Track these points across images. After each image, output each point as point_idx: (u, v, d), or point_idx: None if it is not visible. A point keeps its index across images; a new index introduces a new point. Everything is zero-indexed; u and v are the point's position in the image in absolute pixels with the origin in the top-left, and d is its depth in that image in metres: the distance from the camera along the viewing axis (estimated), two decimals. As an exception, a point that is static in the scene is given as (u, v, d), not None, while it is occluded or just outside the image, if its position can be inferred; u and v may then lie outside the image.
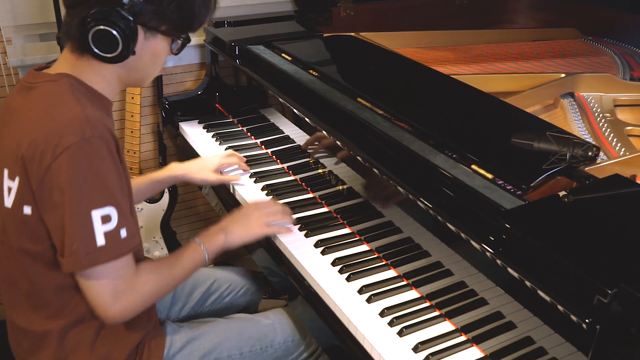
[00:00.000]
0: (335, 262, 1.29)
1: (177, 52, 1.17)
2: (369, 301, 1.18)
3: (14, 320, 1.18)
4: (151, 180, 1.57)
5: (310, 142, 1.67)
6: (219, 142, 1.86)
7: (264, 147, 1.82)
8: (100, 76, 1.12)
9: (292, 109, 1.59)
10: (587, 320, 0.83)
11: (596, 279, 0.82)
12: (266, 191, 1.57)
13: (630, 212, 1.01)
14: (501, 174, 1.11)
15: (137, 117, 2.04)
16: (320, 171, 1.62)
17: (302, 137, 1.73)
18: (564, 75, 1.68)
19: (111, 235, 1.03)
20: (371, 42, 1.85)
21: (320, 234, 1.39)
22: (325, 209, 1.50)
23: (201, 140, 1.89)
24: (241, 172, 1.66)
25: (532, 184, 1.07)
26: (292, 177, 1.65)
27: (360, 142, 1.35)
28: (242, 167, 1.66)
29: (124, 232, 1.05)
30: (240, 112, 2.01)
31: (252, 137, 1.89)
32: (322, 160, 1.62)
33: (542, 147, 1.17)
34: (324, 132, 1.46)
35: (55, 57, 1.73)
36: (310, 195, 1.56)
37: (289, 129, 1.82)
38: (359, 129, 1.37)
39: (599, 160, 1.16)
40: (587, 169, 1.12)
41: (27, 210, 1.05)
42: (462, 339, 1.10)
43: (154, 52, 1.13)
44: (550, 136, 1.19)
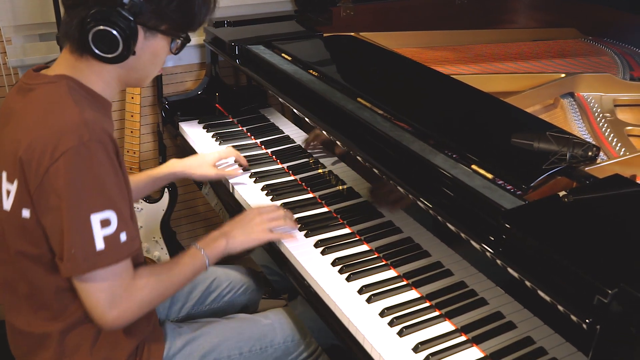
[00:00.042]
0: (335, 262, 1.29)
1: (176, 51, 1.16)
2: (369, 301, 1.18)
3: (13, 322, 1.18)
4: (150, 177, 1.56)
5: (310, 140, 1.67)
6: (219, 142, 1.86)
7: (263, 147, 1.82)
8: (99, 77, 1.11)
9: (292, 109, 1.59)
10: (587, 320, 0.83)
11: (596, 279, 0.82)
12: (266, 191, 1.57)
13: (630, 212, 1.01)
14: (501, 174, 1.11)
15: (137, 117, 2.03)
16: (320, 171, 1.62)
17: (302, 137, 1.73)
18: (564, 75, 1.68)
19: (111, 239, 1.02)
20: (371, 42, 1.85)
21: (320, 234, 1.39)
22: (325, 209, 1.50)
23: (201, 140, 1.89)
24: (240, 167, 1.66)
25: (532, 184, 1.07)
26: (292, 177, 1.65)
27: (360, 142, 1.35)
28: (242, 162, 1.66)
29: (123, 236, 1.04)
30: (240, 112, 2.01)
31: (252, 137, 1.89)
32: (322, 160, 1.62)
33: (542, 147, 1.17)
34: (324, 132, 1.46)
35: (55, 57, 1.73)
36: (310, 195, 1.56)
37: (289, 129, 1.82)
38: (359, 129, 1.36)
39: (599, 160, 1.16)
40: (587, 169, 1.12)
41: (26, 213, 1.05)
42: (462, 339, 1.10)
43: (153, 51, 1.12)
44: (550, 136, 1.19)
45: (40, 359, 1.16)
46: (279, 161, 1.73)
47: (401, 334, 1.11)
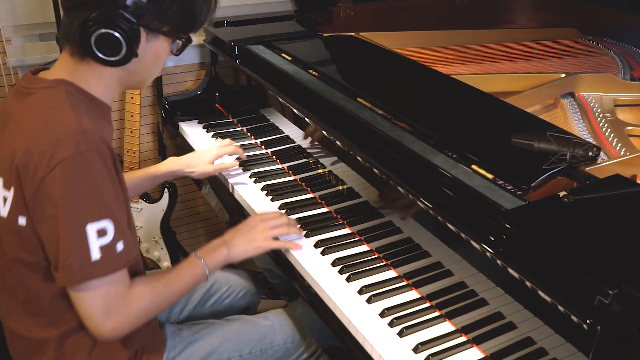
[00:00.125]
0: (335, 263, 1.29)
1: (177, 52, 1.15)
2: (369, 302, 1.18)
3: (11, 327, 1.17)
4: (148, 175, 1.56)
5: (308, 135, 1.67)
6: (219, 142, 1.86)
7: (263, 147, 1.82)
8: (100, 80, 1.10)
9: (292, 109, 1.59)
10: (588, 320, 0.83)
11: (597, 280, 0.82)
12: (266, 191, 1.57)
13: (630, 212, 1.00)
14: (501, 174, 1.11)
15: (137, 117, 2.03)
16: (320, 171, 1.62)
17: (302, 137, 1.73)
18: (564, 75, 1.68)
19: (107, 249, 1.01)
20: (371, 42, 1.85)
21: (320, 234, 1.39)
22: (325, 209, 1.49)
23: (201, 140, 1.89)
24: (237, 162, 1.66)
25: (532, 184, 1.07)
26: (292, 177, 1.65)
27: (360, 142, 1.35)
28: (240, 155, 1.66)
29: (120, 246, 1.02)
30: (240, 112, 2.00)
31: (252, 137, 1.89)
32: (322, 160, 1.62)
33: (542, 147, 1.17)
34: (324, 132, 1.46)
35: (55, 57, 1.73)
36: (310, 195, 1.56)
37: (289, 129, 1.82)
38: (359, 129, 1.36)
39: (599, 160, 1.16)
40: (587, 169, 1.12)
41: (22, 221, 1.03)
42: (463, 339, 1.10)
43: (155, 53, 1.11)
44: (550, 136, 1.19)
45: None
46: (279, 161, 1.73)
47: (401, 334, 1.11)
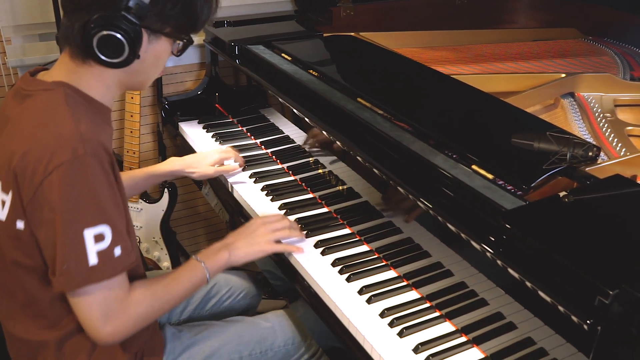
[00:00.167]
0: (335, 263, 1.29)
1: (178, 53, 1.14)
2: (369, 302, 1.18)
3: (11, 330, 1.16)
4: (148, 174, 1.55)
5: (309, 139, 1.67)
6: (219, 142, 1.85)
7: (263, 147, 1.82)
8: (100, 82, 1.09)
9: (292, 109, 1.59)
10: (588, 321, 0.83)
11: (597, 280, 0.82)
12: (266, 191, 1.57)
13: (631, 212, 1.00)
14: (501, 174, 1.11)
15: (137, 117, 2.03)
16: (320, 171, 1.61)
17: (302, 137, 1.73)
18: (564, 75, 1.67)
19: (104, 254, 1.00)
20: (371, 42, 1.85)
21: (320, 234, 1.39)
22: (325, 209, 1.49)
23: (201, 140, 1.89)
24: (238, 165, 1.66)
25: (532, 185, 1.07)
26: (292, 177, 1.65)
27: (360, 142, 1.35)
28: (240, 163, 1.66)
29: (118, 250, 1.02)
30: (240, 112, 2.00)
31: (252, 137, 1.88)
32: (322, 160, 1.62)
33: (542, 147, 1.17)
34: (324, 132, 1.46)
35: (55, 57, 1.73)
36: (310, 195, 1.56)
37: (289, 129, 1.82)
38: (359, 129, 1.36)
39: (599, 160, 1.16)
40: (587, 169, 1.12)
41: (20, 224, 1.03)
42: (463, 339, 1.10)
43: (156, 54, 1.10)
44: (550, 136, 1.19)
45: None
46: (279, 161, 1.73)
47: (401, 334, 1.11)
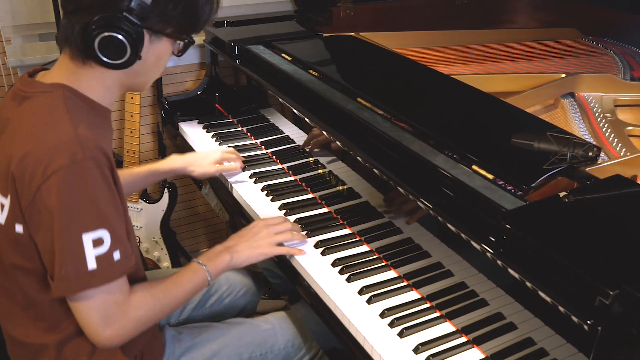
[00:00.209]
0: (335, 263, 1.29)
1: (179, 54, 1.14)
2: (369, 302, 1.18)
3: (11, 332, 1.16)
4: (150, 171, 1.55)
5: (309, 141, 1.67)
6: (219, 142, 1.85)
7: (263, 147, 1.82)
8: (100, 83, 1.08)
9: (292, 109, 1.59)
10: (588, 321, 0.83)
11: (597, 280, 0.82)
12: (266, 191, 1.57)
13: (631, 212, 1.00)
14: (502, 174, 1.11)
15: (137, 117, 2.03)
16: (320, 171, 1.61)
17: (302, 137, 1.73)
18: (564, 75, 1.67)
19: (103, 258, 1.00)
20: (371, 42, 1.85)
21: (320, 234, 1.38)
22: (325, 210, 1.49)
23: (201, 140, 1.89)
24: (238, 165, 1.66)
25: (532, 185, 1.07)
26: (292, 178, 1.64)
27: (360, 142, 1.35)
28: (240, 165, 1.66)
29: (117, 255, 1.01)
30: (240, 112, 2.00)
31: (252, 137, 1.88)
32: (322, 160, 1.62)
33: (542, 147, 1.17)
34: (324, 132, 1.46)
35: (55, 57, 1.73)
36: (310, 195, 1.56)
37: (289, 129, 1.82)
38: (359, 129, 1.36)
39: (599, 160, 1.16)
40: (588, 169, 1.12)
41: (19, 228, 1.03)
42: (463, 340, 1.10)
43: (158, 55, 1.10)
44: (550, 136, 1.19)
45: None
46: (279, 161, 1.73)
47: (402, 335, 1.10)
